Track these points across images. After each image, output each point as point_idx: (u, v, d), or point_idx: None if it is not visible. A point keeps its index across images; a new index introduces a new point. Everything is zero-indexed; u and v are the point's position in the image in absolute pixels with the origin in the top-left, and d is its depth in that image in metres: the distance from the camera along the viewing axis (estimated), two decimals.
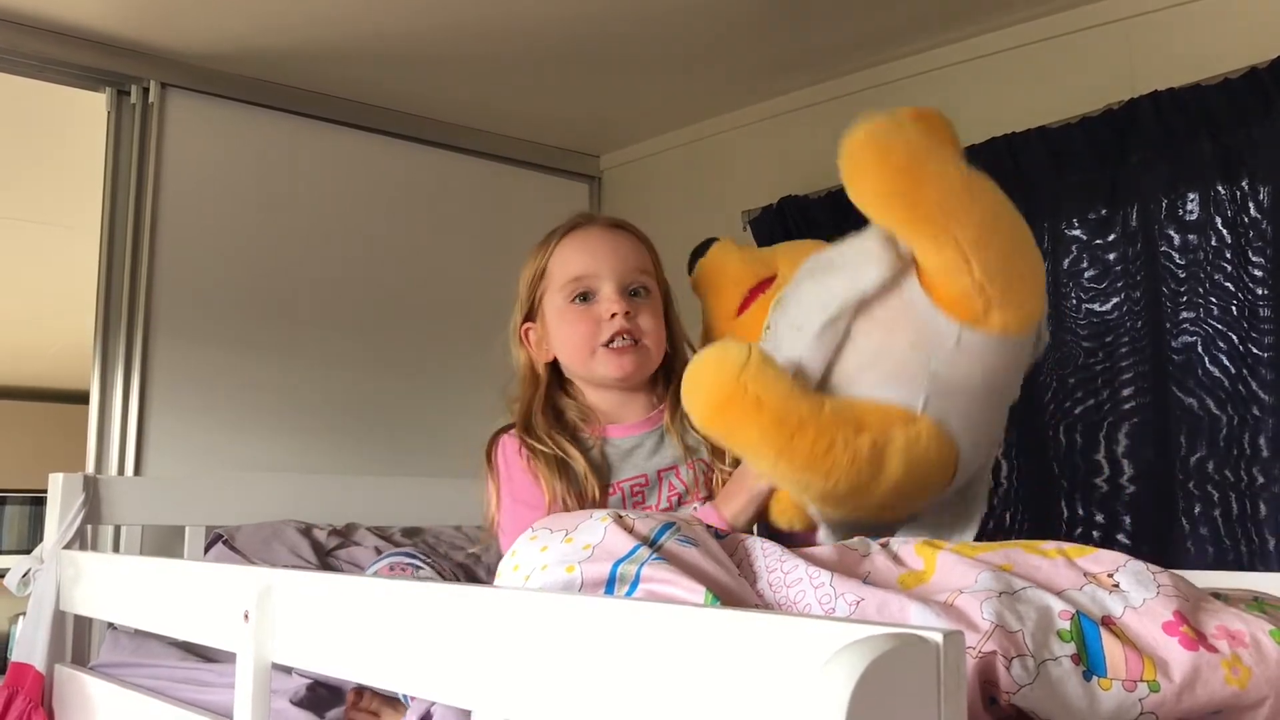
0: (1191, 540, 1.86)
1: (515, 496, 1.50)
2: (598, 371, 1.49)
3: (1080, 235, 2.08)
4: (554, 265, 1.53)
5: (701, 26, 2.29)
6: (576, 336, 1.49)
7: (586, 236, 1.54)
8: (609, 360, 1.47)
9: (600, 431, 1.52)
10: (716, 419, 1.20)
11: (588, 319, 1.48)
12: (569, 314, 1.49)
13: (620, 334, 1.47)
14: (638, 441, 1.51)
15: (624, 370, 1.47)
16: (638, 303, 1.50)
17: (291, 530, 2.22)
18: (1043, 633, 0.89)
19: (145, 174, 2.39)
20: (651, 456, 1.51)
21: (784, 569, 1.04)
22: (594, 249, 1.52)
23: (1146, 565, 0.99)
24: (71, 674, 1.90)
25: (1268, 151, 1.84)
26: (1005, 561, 1.00)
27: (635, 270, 1.51)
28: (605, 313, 1.47)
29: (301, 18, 2.24)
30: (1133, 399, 1.98)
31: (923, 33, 2.33)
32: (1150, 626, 0.91)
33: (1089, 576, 0.97)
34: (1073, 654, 0.88)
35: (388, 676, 1.05)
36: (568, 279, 1.50)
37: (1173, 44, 2.03)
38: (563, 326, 1.50)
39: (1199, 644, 0.90)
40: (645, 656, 0.73)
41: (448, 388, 2.76)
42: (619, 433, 1.52)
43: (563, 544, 1.04)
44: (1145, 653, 0.89)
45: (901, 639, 0.58)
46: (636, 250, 1.55)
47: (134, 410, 2.32)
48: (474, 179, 2.89)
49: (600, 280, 1.49)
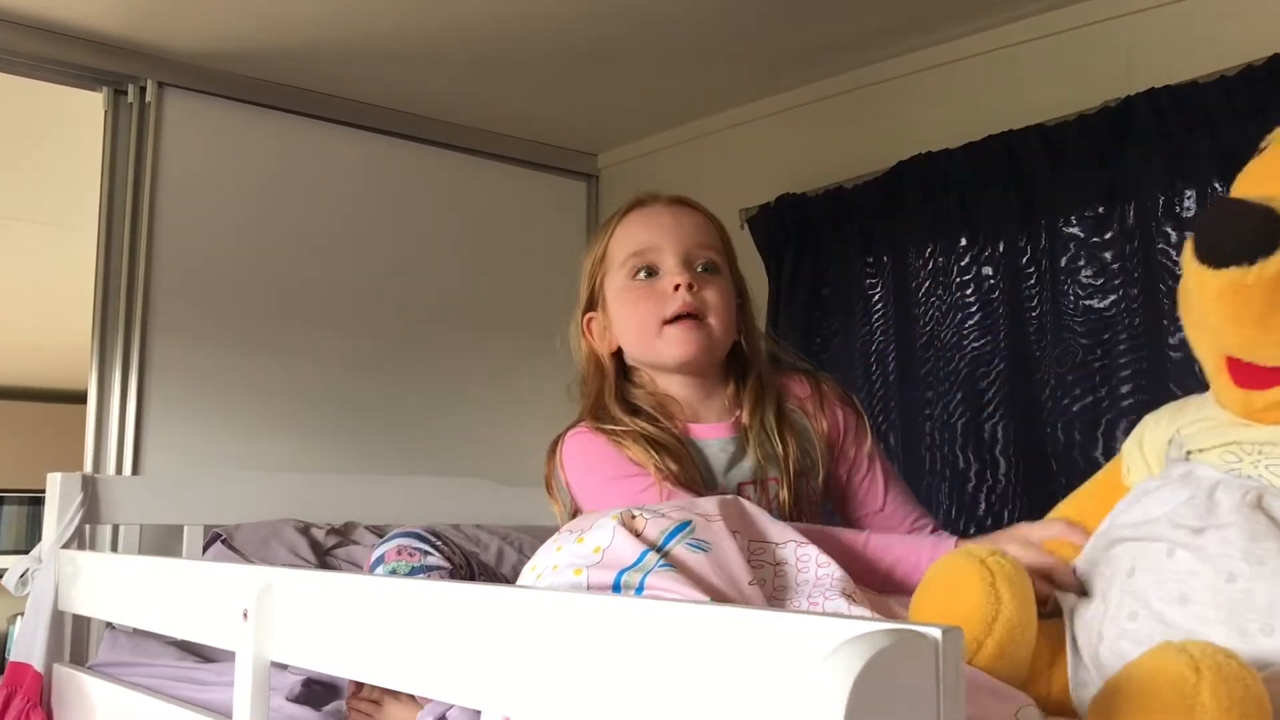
0: None
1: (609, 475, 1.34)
2: (663, 353, 1.36)
3: (1078, 233, 2.08)
4: (614, 245, 1.41)
5: (698, 25, 2.29)
6: (639, 314, 1.37)
7: (648, 211, 1.42)
8: (674, 338, 1.34)
9: (684, 428, 1.38)
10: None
11: (651, 295, 1.36)
12: (630, 292, 1.38)
13: (686, 310, 1.34)
14: (722, 446, 1.38)
15: (689, 349, 1.34)
16: (705, 278, 1.37)
17: (290, 529, 2.23)
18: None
19: (142, 173, 2.39)
20: (730, 468, 1.38)
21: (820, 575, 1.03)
22: (656, 222, 1.40)
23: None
24: (70, 673, 1.90)
25: None
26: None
27: (701, 245, 1.39)
28: (669, 285, 1.35)
29: (298, 17, 2.24)
30: (1131, 396, 1.98)
31: (920, 30, 2.33)
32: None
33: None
34: None
35: (387, 675, 1.05)
36: (628, 254, 1.39)
37: (1169, 41, 2.03)
38: (623, 307, 1.39)
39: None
40: (646, 654, 0.73)
41: (446, 387, 2.77)
42: (704, 432, 1.39)
43: (575, 545, 1.03)
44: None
45: (900, 635, 0.58)
46: (704, 226, 1.43)
47: (132, 409, 2.32)
48: (471, 177, 2.89)
49: (663, 254, 1.37)
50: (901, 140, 2.34)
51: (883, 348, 2.37)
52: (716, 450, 1.38)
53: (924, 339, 2.29)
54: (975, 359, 2.21)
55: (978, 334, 2.21)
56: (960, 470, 2.20)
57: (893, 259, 2.36)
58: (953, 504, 2.20)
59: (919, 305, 2.31)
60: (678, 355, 1.36)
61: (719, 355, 1.40)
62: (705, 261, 1.39)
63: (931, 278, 2.30)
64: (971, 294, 2.23)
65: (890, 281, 2.37)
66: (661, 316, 1.35)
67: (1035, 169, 2.12)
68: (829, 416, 1.43)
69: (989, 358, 2.19)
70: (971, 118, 2.25)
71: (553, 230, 3.04)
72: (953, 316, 2.25)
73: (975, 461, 2.18)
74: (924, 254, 2.31)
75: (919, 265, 2.32)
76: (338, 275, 2.64)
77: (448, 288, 2.81)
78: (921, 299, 2.31)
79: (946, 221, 2.26)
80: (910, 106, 2.42)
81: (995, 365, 2.18)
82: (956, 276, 2.25)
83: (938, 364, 2.26)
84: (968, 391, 2.21)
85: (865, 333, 2.41)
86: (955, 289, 2.25)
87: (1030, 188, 2.13)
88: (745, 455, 1.38)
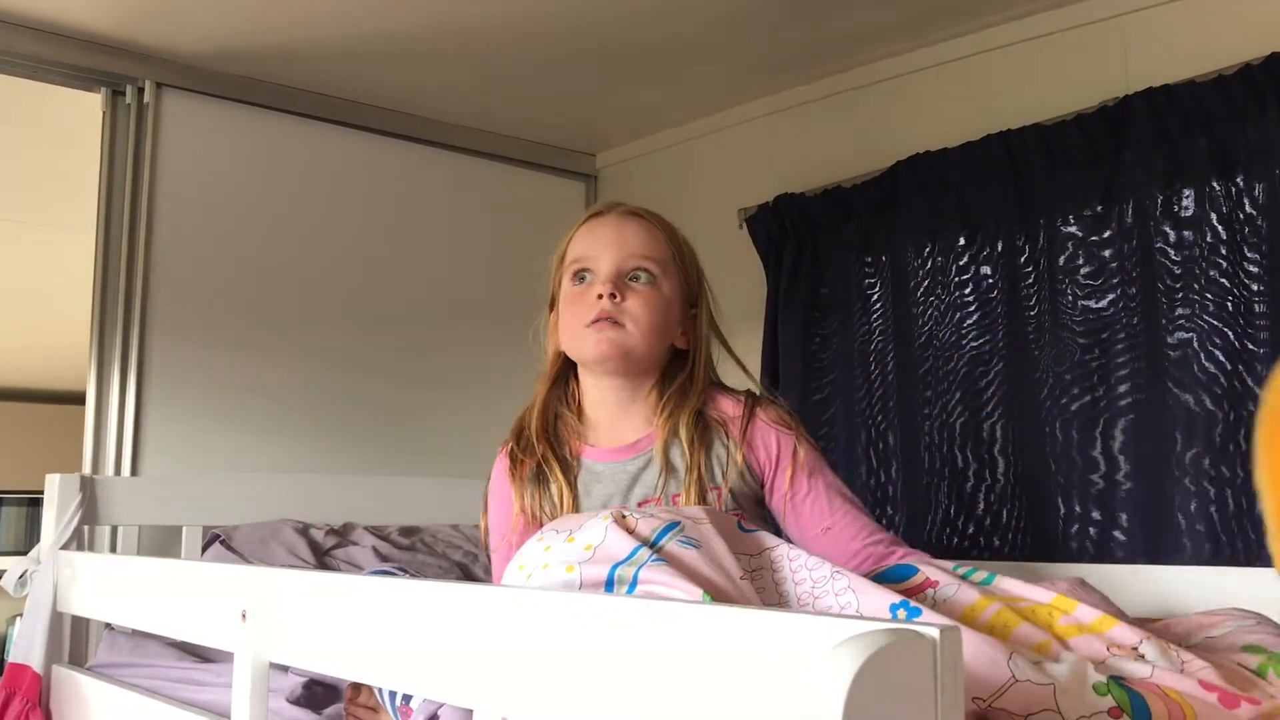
0: (1187, 536, 1.86)
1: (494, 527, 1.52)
2: (584, 352, 1.45)
3: (1076, 232, 2.09)
4: (568, 250, 1.53)
5: (696, 24, 2.29)
6: (570, 316, 1.47)
7: (598, 221, 1.52)
8: (590, 339, 1.43)
9: (578, 449, 1.48)
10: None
11: (581, 300, 1.45)
12: (569, 295, 1.48)
13: (603, 316, 1.42)
14: (621, 467, 1.44)
15: (601, 349, 1.42)
16: (633, 287, 1.45)
17: (289, 530, 2.23)
18: (1077, 687, 0.86)
19: (141, 174, 2.39)
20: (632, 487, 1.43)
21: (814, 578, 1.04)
22: (601, 232, 1.50)
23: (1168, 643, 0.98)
24: (69, 674, 1.90)
25: (1262, 148, 1.84)
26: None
27: (636, 255, 1.47)
28: (595, 293, 1.44)
29: (296, 17, 2.24)
30: (1128, 395, 1.99)
31: (917, 30, 2.33)
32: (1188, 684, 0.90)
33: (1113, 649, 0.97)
34: (1111, 708, 0.85)
35: (385, 675, 1.05)
36: (572, 260, 1.50)
37: (1167, 41, 2.03)
38: (563, 308, 1.49)
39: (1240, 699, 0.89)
40: (645, 654, 0.73)
41: (444, 387, 2.77)
42: (601, 456, 1.46)
43: (565, 544, 1.04)
44: (1187, 700, 0.88)
45: (899, 634, 0.59)
46: (645, 235, 1.49)
47: (130, 410, 2.32)
48: (470, 178, 2.89)
49: (598, 262, 1.46)
50: (900, 140, 2.35)
51: (881, 347, 2.38)
52: (615, 472, 1.45)
53: (922, 338, 2.29)
54: (974, 358, 2.21)
55: (976, 333, 2.21)
56: (959, 469, 2.20)
57: (891, 258, 2.37)
58: (952, 503, 2.20)
59: (917, 305, 2.31)
60: (592, 354, 1.44)
61: (641, 360, 1.46)
62: (636, 270, 1.46)
63: (930, 277, 2.30)
64: (970, 293, 2.23)
65: (889, 281, 2.37)
66: (584, 320, 1.44)
67: (1033, 168, 2.12)
68: (758, 441, 1.45)
69: (987, 357, 2.19)
70: (970, 117, 2.25)
71: (551, 230, 3.01)
72: (951, 316, 2.25)
73: (974, 460, 2.18)
74: (922, 253, 2.32)
75: (917, 264, 2.32)
76: (336, 276, 2.65)
77: (446, 288, 2.81)
78: (920, 298, 2.31)
79: (945, 221, 2.27)
80: (908, 106, 2.42)
81: (994, 364, 2.18)
82: (955, 276, 2.26)
83: (936, 363, 2.26)
84: (966, 391, 2.21)
85: (864, 332, 2.41)
86: (954, 288, 2.25)
87: (1028, 187, 2.14)
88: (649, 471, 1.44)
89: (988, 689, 0.85)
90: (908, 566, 1.14)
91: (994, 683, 0.86)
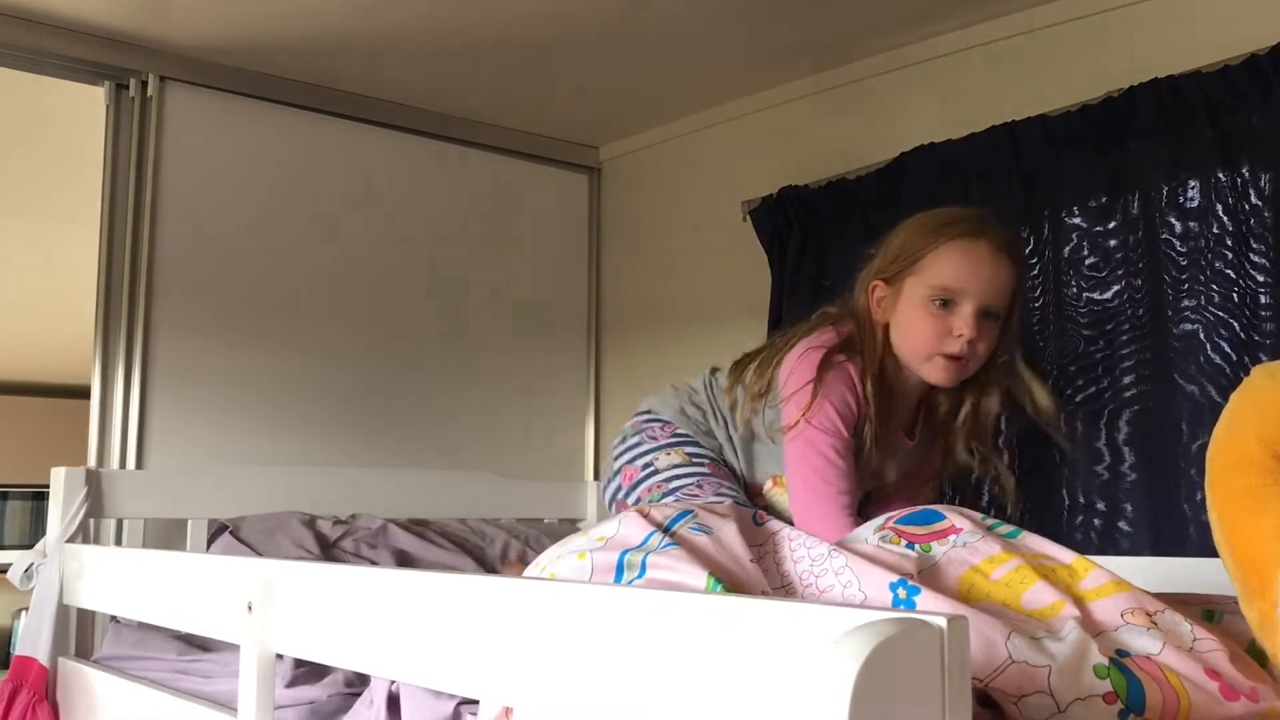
0: (1193, 526, 1.86)
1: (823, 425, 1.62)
2: (925, 371, 1.65)
3: (1081, 223, 2.08)
4: (932, 260, 1.62)
5: (700, 16, 2.29)
6: (925, 334, 1.62)
7: (975, 249, 1.61)
8: (940, 368, 1.63)
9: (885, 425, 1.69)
10: None
11: (940, 326, 1.61)
12: (925, 311, 1.62)
13: (962, 355, 1.61)
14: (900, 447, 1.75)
15: (945, 379, 1.65)
16: (985, 326, 1.63)
17: (295, 523, 2.23)
18: (1073, 669, 0.86)
19: (145, 167, 2.39)
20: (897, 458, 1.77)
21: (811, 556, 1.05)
22: (976, 268, 1.60)
23: (1184, 617, 0.98)
24: (76, 667, 1.90)
25: (1268, 138, 1.84)
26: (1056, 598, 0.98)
27: (999, 296, 1.63)
28: (957, 329, 1.60)
29: (300, 10, 2.24)
30: (1134, 386, 1.98)
31: (922, 21, 2.32)
32: (1192, 667, 0.90)
33: (1127, 615, 0.97)
34: (1107, 693, 0.86)
35: (390, 666, 1.05)
36: (939, 284, 1.61)
37: (1172, 31, 2.02)
38: (916, 318, 1.63)
39: (1240, 694, 0.89)
40: (651, 643, 0.73)
41: (448, 380, 2.77)
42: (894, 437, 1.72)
43: (580, 538, 1.06)
44: (1187, 688, 0.87)
45: (905, 624, 0.59)
46: (1009, 278, 1.64)
47: (135, 404, 2.32)
48: (473, 170, 2.89)
49: (965, 296, 1.60)
50: (904, 131, 2.34)
51: None
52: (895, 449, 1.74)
53: None
54: None
55: None
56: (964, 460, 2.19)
57: None
58: (957, 494, 2.20)
59: None
60: (936, 379, 1.67)
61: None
62: (994, 310, 1.64)
63: None
64: None
65: None
66: (941, 349, 1.62)
67: (1038, 159, 2.11)
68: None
69: None
70: (974, 108, 2.25)
71: (555, 223, 3.04)
72: None
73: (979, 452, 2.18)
74: None
75: None
76: (341, 269, 2.64)
77: (450, 281, 2.81)
78: None
79: None
80: (912, 98, 2.41)
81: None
82: None
83: None
84: None
85: None
86: None
87: (1033, 178, 2.13)
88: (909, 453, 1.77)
89: (985, 670, 0.85)
90: (934, 512, 1.13)
91: (991, 663, 0.86)
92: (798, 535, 1.10)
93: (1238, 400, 1.06)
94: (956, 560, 1.03)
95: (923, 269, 1.62)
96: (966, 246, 1.60)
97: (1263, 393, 1.03)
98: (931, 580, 1.01)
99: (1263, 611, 0.98)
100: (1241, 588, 1.00)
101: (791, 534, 1.11)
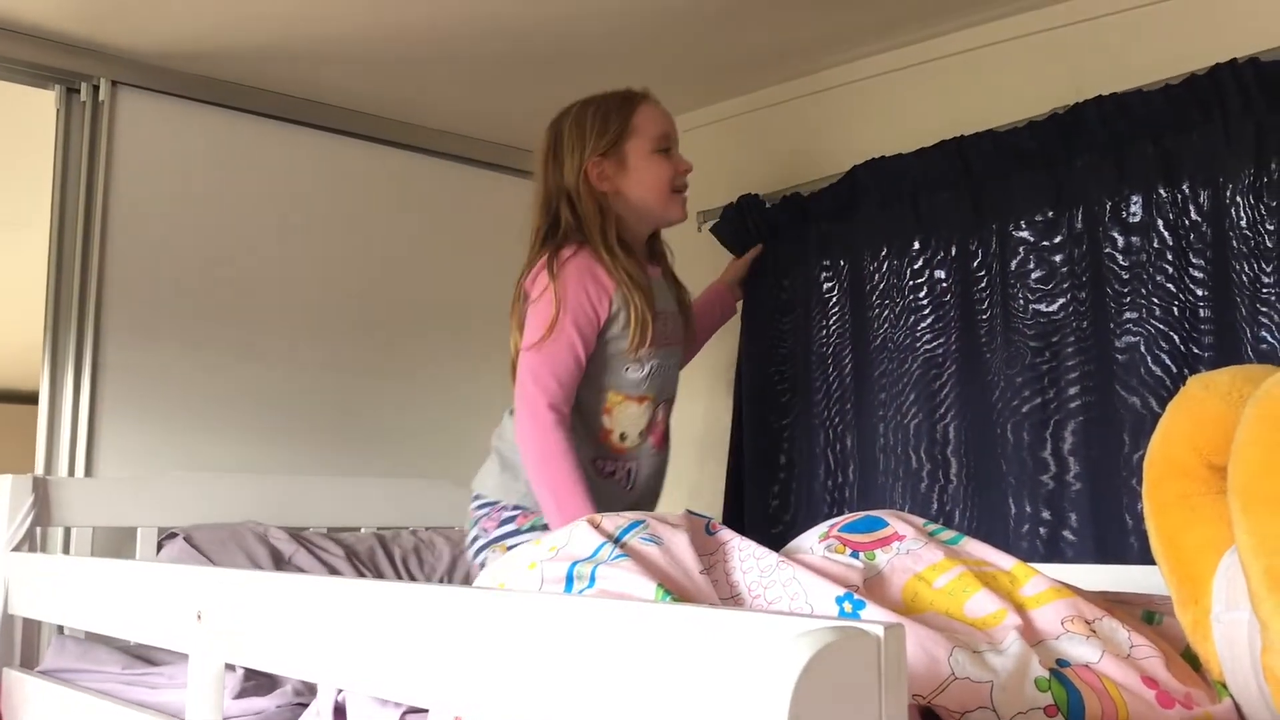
0: (1134, 536, 1.90)
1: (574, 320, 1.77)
2: (668, 211, 1.92)
3: (1027, 237, 2.12)
4: (641, 121, 1.90)
5: (653, 29, 2.31)
6: (662, 177, 1.89)
7: (660, 107, 1.95)
8: (679, 203, 1.92)
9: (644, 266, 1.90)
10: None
11: (670, 167, 1.90)
12: (656, 160, 1.89)
13: (686, 186, 1.94)
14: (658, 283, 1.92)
15: (681, 214, 1.94)
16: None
17: (249, 536, 2.20)
18: (1015, 684, 0.88)
19: (95, 172, 2.37)
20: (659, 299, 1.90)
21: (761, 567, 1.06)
22: (668, 117, 1.95)
23: (1122, 623, 0.99)
24: (21, 678, 1.88)
25: (1207, 156, 1.89)
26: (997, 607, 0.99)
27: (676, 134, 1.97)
28: (681, 166, 1.92)
29: (255, 15, 2.23)
30: (1078, 398, 2.02)
31: (875, 36, 2.36)
32: (1130, 675, 0.92)
33: (1067, 624, 0.98)
34: (1048, 705, 0.87)
35: (341, 675, 1.05)
36: (659, 133, 1.90)
37: (1117, 51, 2.07)
38: (651, 168, 1.88)
39: (1175, 701, 0.91)
40: (599, 652, 0.74)
41: (401, 386, 2.76)
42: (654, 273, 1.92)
43: (532, 547, 1.06)
44: (1124, 697, 0.89)
45: (844, 632, 0.60)
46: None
47: (84, 410, 2.29)
48: (427, 177, 2.88)
49: (673, 142, 1.93)
50: (856, 144, 2.37)
51: (839, 349, 2.40)
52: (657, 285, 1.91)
53: (878, 341, 2.32)
54: (927, 361, 2.24)
55: (930, 336, 2.24)
56: (913, 470, 2.23)
57: (849, 262, 2.39)
58: (906, 503, 2.23)
59: (873, 308, 2.33)
60: (676, 216, 1.95)
61: None
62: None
63: (885, 280, 2.33)
64: (924, 296, 2.26)
65: (846, 284, 2.40)
66: (674, 185, 1.91)
67: (987, 173, 2.15)
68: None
69: (941, 359, 2.22)
70: (924, 122, 2.28)
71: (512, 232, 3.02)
72: (906, 319, 2.28)
73: (928, 461, 2.21)
74: (878, 257, 2.34)
75: (873, 268, 2.35)
76: (293, 276, 2.63)
77: (406, 289, 2.80)
78: (876, 302, 2.33)
79: (900, 225, 2.29)
80: (866, 111, 2.45)
81: (947, 367, 2.21)
82: (910, 279, 2.28)
83: (891, 365, 2.29)
84: (920, 392, 2.24)
85: (822, 335, 2.43)
86: (908, 292, 2.28)
87: (981, 191, 2.17)
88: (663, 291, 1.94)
89: (927, 686, 0.87)
90: (876, 519, 1.14)
91: (933, 680, 0.87)
92: (747, 545, 1.11)
93: (1173, 411, 1.09)
94: (900, 569, 1.05)
95: (637, 130, 1.89)
96: (653, 105, 1.93)
97: (1196, 403, 1.06)
98: (877, 590, 1.03)
99: (1195, 618, 1.01)
100: (1176, 594, 1.03)
101: (741, 544, 1.12)
